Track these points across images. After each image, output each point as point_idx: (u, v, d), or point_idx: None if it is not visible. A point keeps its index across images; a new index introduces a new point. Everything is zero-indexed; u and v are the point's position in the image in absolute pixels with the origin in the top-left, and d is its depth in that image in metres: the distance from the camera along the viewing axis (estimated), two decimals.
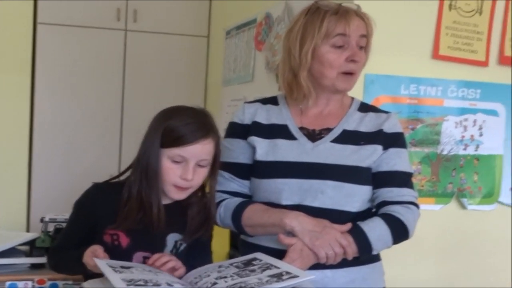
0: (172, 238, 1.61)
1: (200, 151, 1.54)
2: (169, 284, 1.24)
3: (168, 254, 1.53)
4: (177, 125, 1.54)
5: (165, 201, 1.60)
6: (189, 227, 1.62)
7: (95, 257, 1.43)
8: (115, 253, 1.50)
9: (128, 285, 1.18)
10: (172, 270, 1.47)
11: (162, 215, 1.56)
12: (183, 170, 1.54)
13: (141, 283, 1.21)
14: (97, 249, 1.47)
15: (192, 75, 3.90)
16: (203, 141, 1.54)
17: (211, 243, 1.75)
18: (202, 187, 1.65)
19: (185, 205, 1.62)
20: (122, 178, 1.66)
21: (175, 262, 1.49)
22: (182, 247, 1.63)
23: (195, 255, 1.65)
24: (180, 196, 1.58)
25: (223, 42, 3.59)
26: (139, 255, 1.56)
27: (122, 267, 1.35)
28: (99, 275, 1.40)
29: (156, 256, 1.49)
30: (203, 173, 1.58)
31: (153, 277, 1.28)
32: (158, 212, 1.55)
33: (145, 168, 1.55)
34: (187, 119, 1.56)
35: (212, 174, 1.62)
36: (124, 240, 1.56)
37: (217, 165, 1.62)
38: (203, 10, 3.89)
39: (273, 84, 2.78)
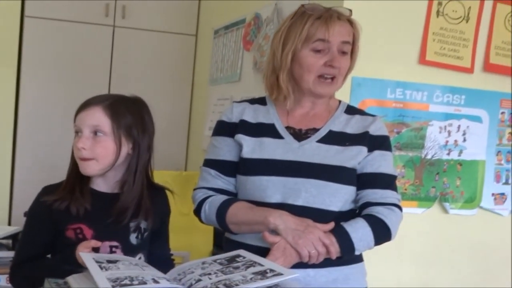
0: (135, 225, 1.63)
1: (85, 118, 1.57)
2: (155, 281, 1.24)
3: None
4: None
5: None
6: (145, 212, 1.63)
7: (80, 251, 1.43)
8: None
9: (113, 286, 1.17)
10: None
11: (87, 197, 1.58)
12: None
13: (127, 281, 1.20)
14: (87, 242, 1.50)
15: (180, 73, 3.90)
16: (87, 108, 1.58)
17: (168, 230, 1.78)
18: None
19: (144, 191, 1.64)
20: None
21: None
22: (146, 233, 1.66)
23: (154, 242, 1.69)
24: (85, 169, 1.57)
25: (211, 41, 3.59)
26: (106, 244, 1.57)
27: (109, 261, 1.34)
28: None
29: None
30: (103, 143, 1.56)
31: (139, 272, 1.27)
32: (82, 195, 1.58)
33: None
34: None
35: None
36: (88, 232, 1.57)
37: (119, 137, 1.58)
38: (192, 8, 3.89)
39: (260, 85, 2.76)
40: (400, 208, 1.69)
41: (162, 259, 1.69)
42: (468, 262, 2.61)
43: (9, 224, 3.44)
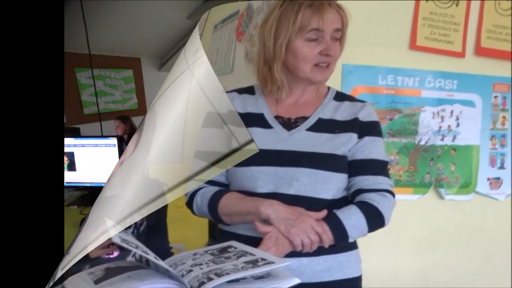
0: None
1: None
2: (156, 259, 1.24)
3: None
4: None
5: None
6: None
7: None
8: None
9: (121, 241, 1.18)
10: None
11: None
12: None
13: (133, 246, 1.21)
14: None
15: None
16: None
17: (165, 223, 1.79)
18: None
19: None
20: None
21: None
22: (142, 227, 1.66)
23: (152, 236, 1.72)
24: None
25: (211, 36, 3.58)
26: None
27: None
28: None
29: None
30: None
31: (144, 248, 1.28)
32: None
33: None
34: None
35: None
36: None
37: None
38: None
39: (252, 75, 2.77)
40: (392, 194, 1.68)
41: (160, 253, 1.69)
42: (465, 247, 2.60)
43: None
